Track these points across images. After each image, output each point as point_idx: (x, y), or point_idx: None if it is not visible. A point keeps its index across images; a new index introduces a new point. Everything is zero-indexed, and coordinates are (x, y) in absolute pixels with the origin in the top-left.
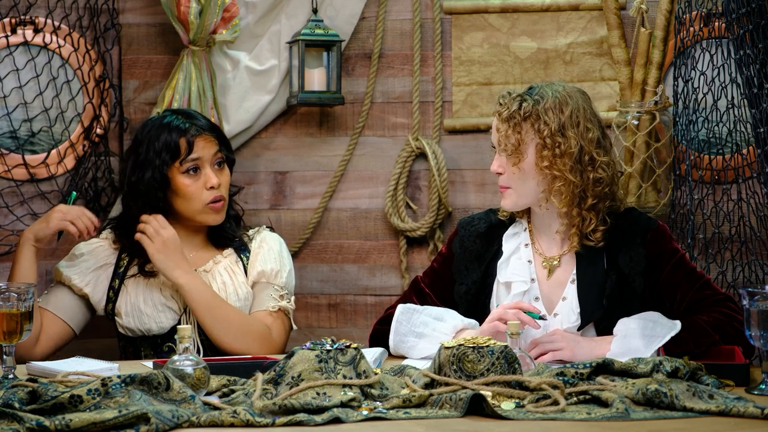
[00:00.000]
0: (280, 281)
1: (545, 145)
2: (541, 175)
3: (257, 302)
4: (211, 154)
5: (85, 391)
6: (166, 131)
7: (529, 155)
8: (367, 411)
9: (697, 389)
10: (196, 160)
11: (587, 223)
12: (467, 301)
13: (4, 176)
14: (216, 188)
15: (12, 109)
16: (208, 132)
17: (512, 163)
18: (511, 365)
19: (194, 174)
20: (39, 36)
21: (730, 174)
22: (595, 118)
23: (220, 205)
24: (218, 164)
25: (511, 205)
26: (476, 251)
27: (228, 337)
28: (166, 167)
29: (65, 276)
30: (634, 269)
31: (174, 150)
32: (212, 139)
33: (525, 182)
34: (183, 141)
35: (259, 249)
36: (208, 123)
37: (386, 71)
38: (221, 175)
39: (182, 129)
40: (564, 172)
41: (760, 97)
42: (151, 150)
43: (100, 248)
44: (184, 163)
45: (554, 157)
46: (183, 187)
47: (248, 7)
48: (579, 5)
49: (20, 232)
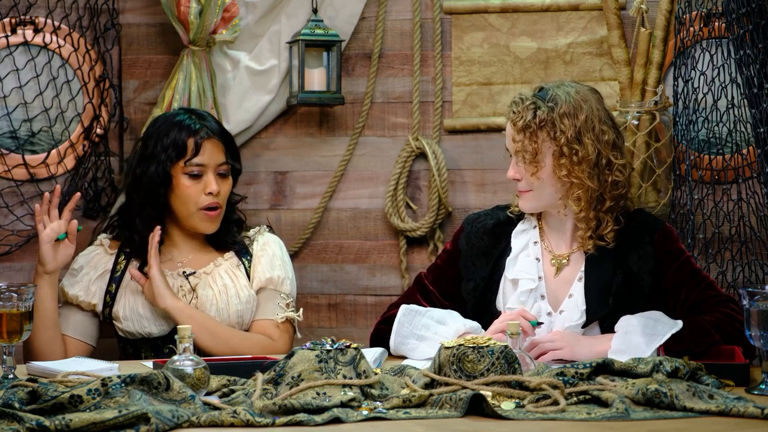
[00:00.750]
0: (285, 289)
1: (562, 153)
2: (560, 182)
3: (263, 310)
4: (216, 162)
5: (85, 391)
6: (176, 129)
7: (546, 164)
8: (367, 411)
9: (697, 389)
10: (201, 166)
11: (603, 224)
12: (474, 297)
13: (4, 176)
14: (214, 195)
15: (12, 109)
16: (217, 137)
17: (530, 173)
18: (511, 365)
19: (196, 177)
20: (39, 36)
21: (730, 174)
22: (609, 118)
23: (215, 213)
24: (222, 174)
25: (529, 207)
26: (483, 247)
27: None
28: (170, 164)
29: (71, 295)
30: (643, 268)
31: (181, 148)
32: (220, 146)
33: (544, 188)
34: (191, 141)
35: (262, 253)
36: (219, 127)
37: (386, 71)
38: (223, 184)
39: (192, 129)
40: (582, 179)
41: (760, 97)
42: (158, 145)
43: (96, 256)
44: (188, 164)
45: (572, 164)
46: (183, 187)
47: (248, 7)
48: (579, 5)
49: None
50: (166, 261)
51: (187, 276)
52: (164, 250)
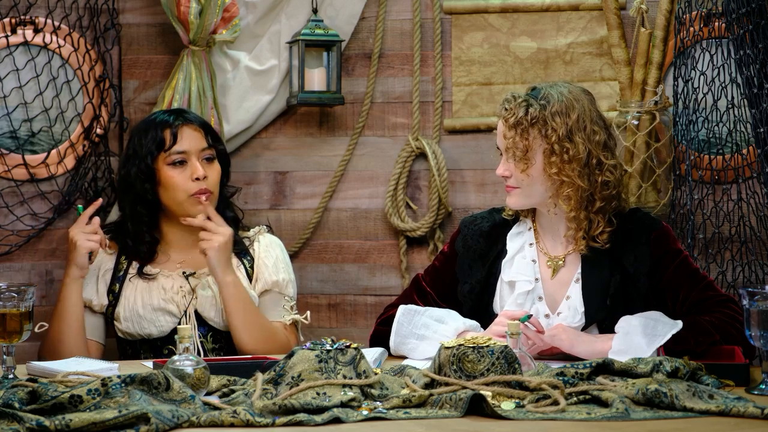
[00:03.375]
0: (289, 292)
1: (553, 151)
2: (550, 180)
3: (271, 313)
4: (198, 147)
5: (85, 391)
6: (152, 126)
7: (537, 161)
8: (367, 411)
9: (697, 389)
10: (183, 153)
11: (595, 225)
12: (471, 300)
13: (4, 176)
14: (202, 180)
15: (12, 109)
16: (195, 123)
17: (520, 170)
18: (511, 365)
19: (180, 166)
20: (39, 36)
21: (730, 174)
22: (600, 119)
23: (205, 197)
24: (207, 159)
25: (517, 204)
26: (480, 250)
27: (252, 342)
28: (151, 158)
29: (85, 299)
30: (639, 269)
31: (159, 141)
32: (199, 131)
33: (533, 186)
34: (168, 132)
35: (266, 255)
36: (196, 116)
37: (386, 71)
38: (210, 170)
39: (168, 122)
40: (572, 178)
41: (760, 97)
42: (139, 144)
43: (97, 258)
44: (169, 154)
45: (562, 162)
46: (168, 178)
47: (248, 7)
48: (579, 5)
49: (62, 281)
50: (165, 261)
51: (187, 276)
52: (161, 250)
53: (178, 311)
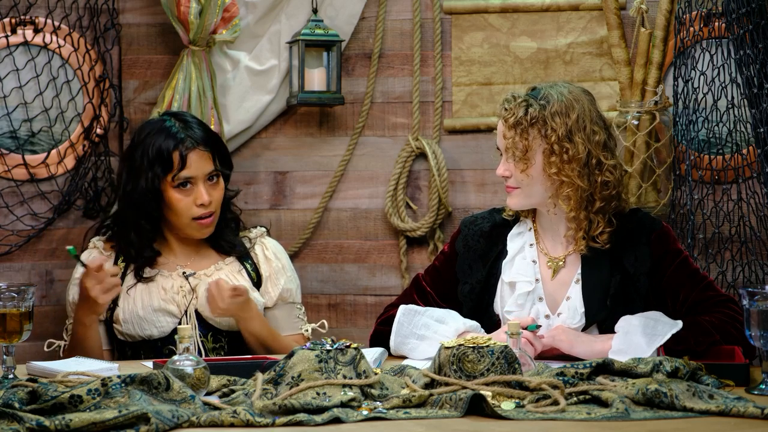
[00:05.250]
0: (298, 298)
1: (553, 151)
2: (549, 180)
3: (288, 325)
4: (204, 172)
5: (85, 391)
6: (161, 138)
7: (536, 161)
8: (367, 411)
9: (697, 389)
10: (189, 178)
11: (594, 225)
12: (471, 300)
13: (4, 176)
14: (206, 206)
15: (12, 109)
16: (203, 147)
17: (520, 170)
18: (511, 365)
19: (185, 188)
20: (39, 36)
21: (730, 174)
22: (600, 119)
23: (208, 221)
24: (211, 178)
25: (517, 204)
26: (480, 250)
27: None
28: (158, 180)
29: None
30: (640, 269)
31: (167, 162)
32: (207, 155)
33: (533, 186)
34: (176, 155)
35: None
36: (204, 134)
37: (386, 71)
38: (214, 190)
39: (177, 139)
40: (572, 178)
41: (760, 97)
42: (145, 158)
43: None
44: (176, 178)
45: (562, 162)
46: (174, 201)
47: (248, 7)
48: (579, 5)
49: (76, 315)
50: (165, 264)
51: (187, 277)
52: (162, 255)
53: (178, 311)
